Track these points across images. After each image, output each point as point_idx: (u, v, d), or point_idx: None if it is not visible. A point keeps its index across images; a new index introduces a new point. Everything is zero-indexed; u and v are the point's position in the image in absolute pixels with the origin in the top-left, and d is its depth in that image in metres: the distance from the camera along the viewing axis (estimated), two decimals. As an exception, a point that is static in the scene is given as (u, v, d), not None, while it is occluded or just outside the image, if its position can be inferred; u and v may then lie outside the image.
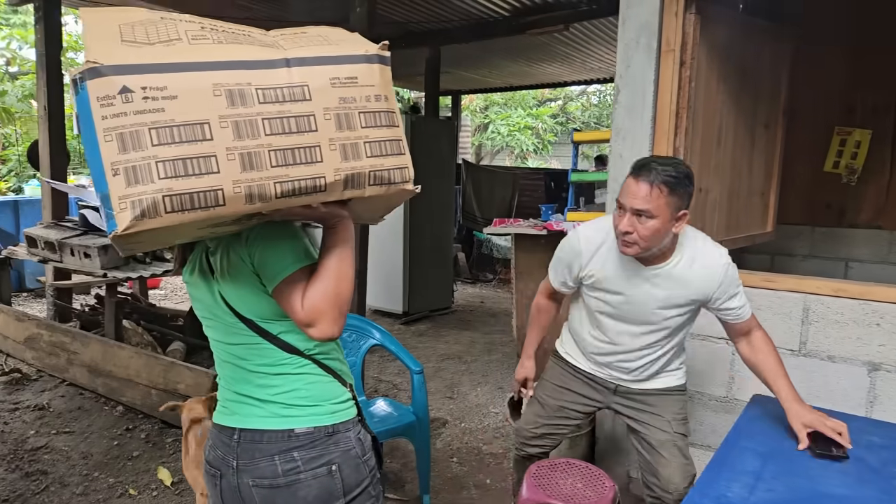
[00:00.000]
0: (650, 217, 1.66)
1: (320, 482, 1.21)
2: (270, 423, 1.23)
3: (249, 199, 0.99)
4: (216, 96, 0.98)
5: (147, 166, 0.92)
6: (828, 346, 2.26)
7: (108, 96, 0.92)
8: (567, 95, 16.20)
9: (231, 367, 1.30)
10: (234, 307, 1.22)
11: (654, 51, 2.49)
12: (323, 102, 1.06)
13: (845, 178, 4.00)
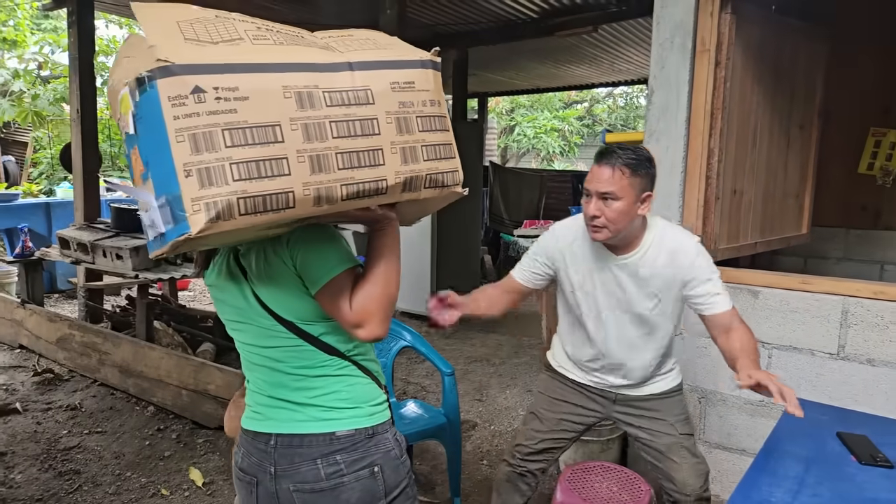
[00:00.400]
0: (615, 199, 1.71)
1: (363, 484, 1.21)
2: (310, 426, 1.22)
3: (318, 202, 1.00)
4: (286, 98, 0.98)
5: (221, 168, 0.92)
6: (867, 350, 2.22)
7: (179, 96, 0.90)
8: (593, 97, 16.12)
9: (265, 370, 1.27)
10: (272, 309, 1.20)
11: (689, 51, 2.47)
12: (384, 106, 1.07)
13: (880, 180, 3.93)
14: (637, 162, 1.73)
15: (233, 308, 1.27)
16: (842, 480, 1.49)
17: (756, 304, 2.44)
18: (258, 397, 1.30)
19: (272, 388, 1.27)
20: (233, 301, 1.26)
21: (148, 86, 0.91)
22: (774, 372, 2.42)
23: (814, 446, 1.67)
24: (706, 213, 2.58)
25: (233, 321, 1.30)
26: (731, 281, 2.50)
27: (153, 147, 0.93)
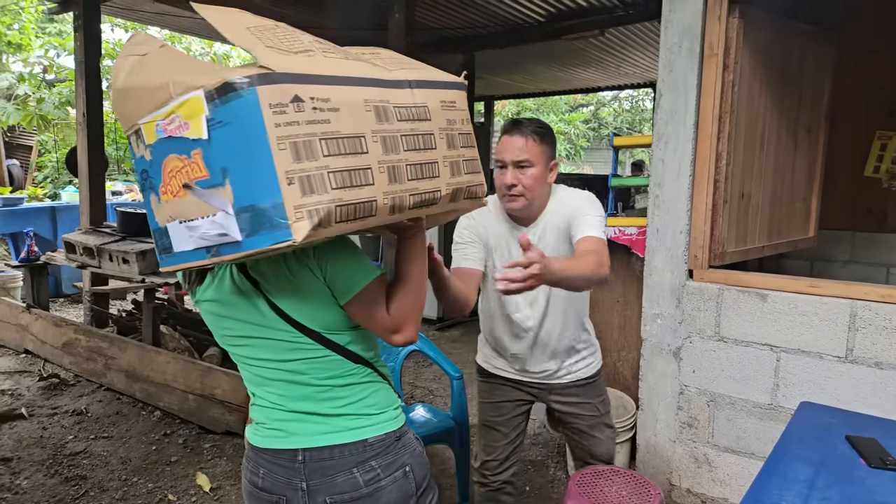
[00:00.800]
0: (530, 166, 1.80)
1: (398, 485, 1.24)
2: (341, 437, 1.22)
3: (392, 210, 1.05)
4: (367, 112, 1.02)
5: (321, 176, 0.93)
6: (875, 353, 2.22)
7: (280, 104, 0.90)
8: (599, 101, 16.17)
9: (284, 384, 1.24)
10: (298, 320, 1.19)
11: (697, 55, 2.48)
12: (437, 123, 1.16)
13: (886, 183, 3.92)
14: (544, 131, 1.84)
15: (242, 323, 1.23)
16: (852, 484, 1.49)
17: (764, 307, 2.44)
18: (274, 413, 1.26)
19: (293, 402, 1.24)
20: (242, 316, 1.22)
21: (245, 92, 0.89)
22: (784, 377, 2.42)
23: (823, 450, 1.66)
24: (714, 217, 2.58)
25: (241, 337, 1.25)
26: (740, 284, 2.51)
27: (238, 153, 0.91)
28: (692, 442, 2.69)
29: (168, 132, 0.96)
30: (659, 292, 2.71)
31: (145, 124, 1.00)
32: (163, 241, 1.06)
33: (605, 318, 3.39)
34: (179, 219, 0.99)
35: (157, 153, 0.99)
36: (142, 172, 1.05)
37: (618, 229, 3.09)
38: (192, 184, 0.94)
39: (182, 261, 1.03)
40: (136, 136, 1.03)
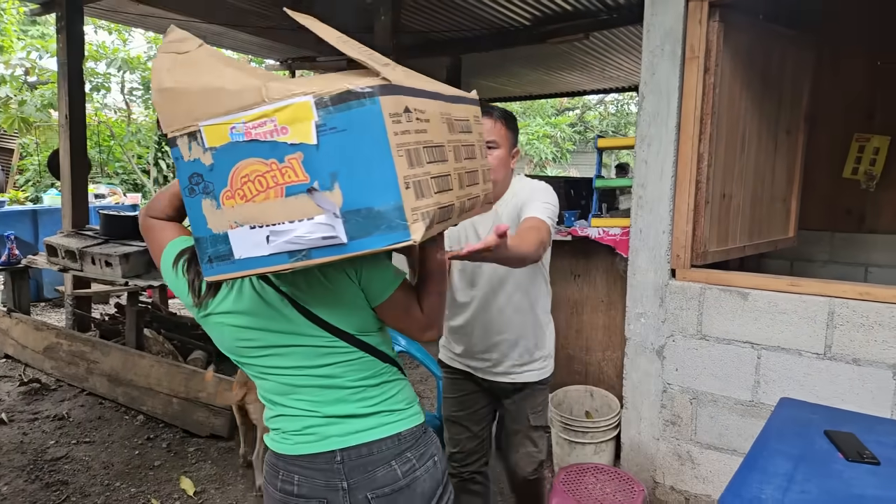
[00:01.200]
0: (496, 147, 1.86)
1: (430, 475, 1.31)
2: (378, 432, 1.27)
3: (459, 213, 1.15)
4: (443, 123, 1.12)
5: (426, 182, 1.00)
6: (853, 350, 2.26)
7: (397, 114, 0.95)
8: (585, 104, 16.31)
9: (318, 390, 1.26)
10: (334, 324, 1.23)
11: (679, 58, 2.52)
12: (475, 135, 1.29)
13: (864, 184, 4.00)
14: (510, 117, 1.92)
15: (269, 333, 1.24)
16: (829, 477, 1.52)
17: (745, 305, 2.47)
18: (306, 420, 1.28)
19: (328, 407, 1.26)
20: (269, 326, 1.24)
21: (367, 101, 0.92)
22: (765, 374, 2.46)
23: (802, 444, 1.69)
24: (696, 217, 2.62)
25: (266, 347, 1.25)
26: (721, 283, 2.54)
27: (353, 159, 0.93)
28: (675, 439, 2.72)
29: (253, 135, 0.96)
30: (642, 292, 2.74)
31: (210, 126, 0.98)
32: (217, 249, 1.03)
33: (589, 318, 3.42)
34: (253, 224, 0.99)
35: (225, 156, 0.99)
36: (192, 176, 1.02)
37: (602, 230, 3.12)
38: (316, 186, 0.94)
39: (246, 267, 1.02)
40: (190, 138, 1.00)
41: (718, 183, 2.69)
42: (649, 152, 2.64)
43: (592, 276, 3.37)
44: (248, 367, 1.31)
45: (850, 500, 1.42)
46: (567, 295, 3.45)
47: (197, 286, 1.24)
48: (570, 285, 3.44)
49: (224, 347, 1.31)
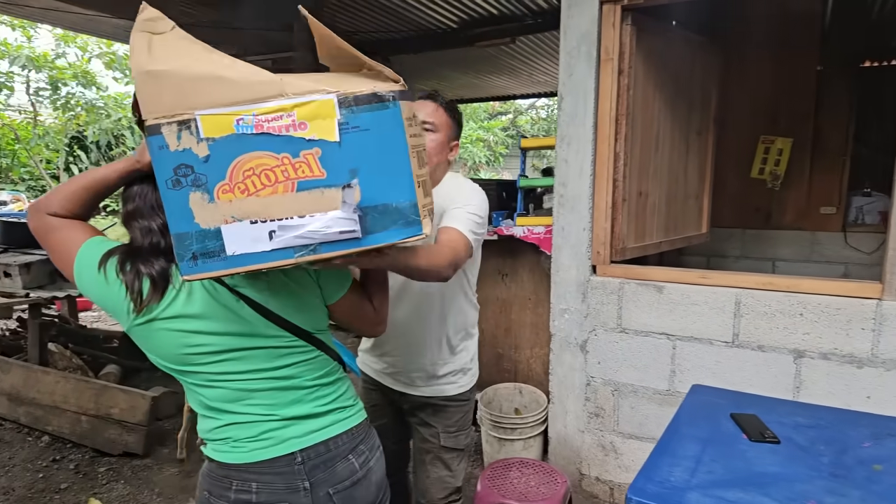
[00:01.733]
0: (435, 131, 1.77)
1: (380, 464, 1.36)
2: (335, 429, 1.28)
3: None
4: (420, 128, 1.15)
5: (424, 182, 1.08)
6: (758, 337, 2.40)
7: (409, 118, 1.02)
8: (517, 109, 16.61)
9: (275, 393, 1.23)
10: (294, 322, 1.22)
11: (594, 60, 2.60)
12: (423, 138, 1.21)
13: (770, 184, 4.27)
14: (453, 107, 1.84)
15: (223, 337, 1.18)
16: (734, 458, 1.60)
17: (661, 298, 2.58)
18: (262, 425, 1.23)
19: (285, 408, 1.24)
20: (224, 328, 1.18)
21: (390, 104, 0.98)
22: (680, 363, 2.57)
23: (710, 428, 1.78)
24: (614, 215, 2.71)
25: (220, 352, 1.19)
26: (639, 278, 2.64)
27: (373, 158, 0.98)
28: (599, 431, 2.80)
29: (264, 128, 0.95)
30: (566, 288, 2.81)
31: (209, 116, 0.95)
32: (205, 245, 0.99)
33: (518, 316, 3.47)
34: (254, 218, 0.97)
35: (226, 148, 0.96)
36: (179, 167, 0.96)
37: (527, 229, 3.18)
38: (354, 183, 0.97)
39: (239, 264, 0.99)
40: (181, 127, 0.95)
41: (635, 181, 2.79)
42: (569, 151, 2.71)
43: (519, 275, 3.43)
44: (194, 375, 1.20)
45: (752, 478, 1.50)
46: (495, 294, 3.49)
47: (137, 289, 1.13)
48: (499, 285, 3.48)
49: (166, 357, 1.19)
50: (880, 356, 2.20)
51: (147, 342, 1.19)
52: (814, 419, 1.83)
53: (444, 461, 1.86)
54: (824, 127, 4.12)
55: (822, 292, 2.28)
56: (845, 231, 4.15)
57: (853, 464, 1.56)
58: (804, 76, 4.08)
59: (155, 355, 1.21)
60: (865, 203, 4.19)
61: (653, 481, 1.48)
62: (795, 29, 4.03)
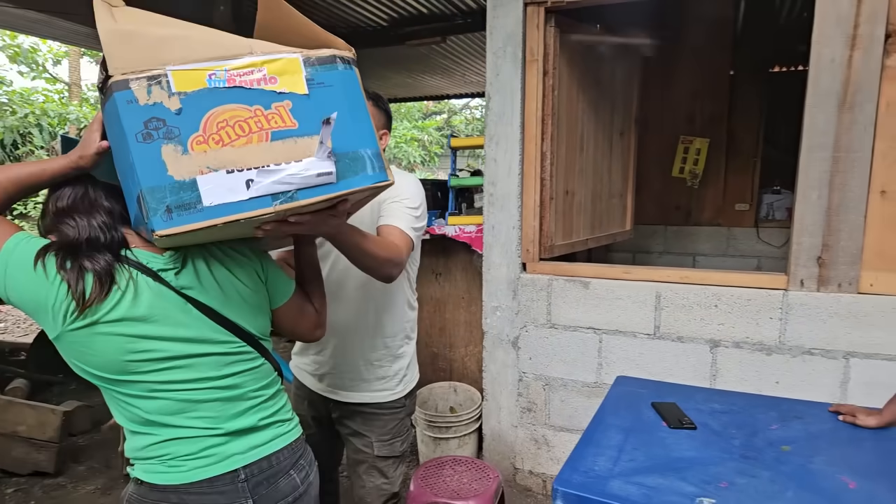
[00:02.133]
0: None
1: (316, 478, 1.34)
2: (276, 444, 1.24)
3: None
4: None
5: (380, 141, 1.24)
6: (677, 328, 2.51)
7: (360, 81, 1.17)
8: (451, 109, 16.69)
9: (220, 404, 1.17)
10: (244, 327, 1.19)
11: (520, 60, 2.64)
12: None
13: (689, 182, 4.48)
14: (379, 98, 1.81)
15: (171, 342, 1.11)
16: (654, 444, 1.66)
17: (587, 293, 2.65)
18: (203, 441, 1.15)
19: (229, 421, 1.18)
20: (173, 333, 1.10)
21: (347, 66, 1.10)
22: (606, 356, 2.64)
23: (632, 417, 1.84)
24: (542, 213, 2.77)
25: (168, 359, 1.11)
26: (566, 274, 2.70)
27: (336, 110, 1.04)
28: (532, 425, 2.85)
29: (236, 82, 1.01)
30: (497, 286, 2.84)
31: (181, 71, 0.98)
32: (180, 197, 0.97)
33: (452, 315, 3.49)
34: (230, 168, 0.99)
35: (198, 102, 0.99)
36: (149, 121, 0.97)
37: (459, 227, 3.20)
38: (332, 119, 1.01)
39: (216, 215, 0.98)
40: (150, 81, 0.97)
41: (562, 180, 2.86)
42: (498, 151, 2.74)
43: (453, 274, 3.44)
44: (134, 385, 1.11)
45: (671, 463, 1.56)
46: (430, 293, 3.49)
47: (81, 288, 1.04)
48: (433, 284, 3.49)
49: (104, 365, 1.09)
50: (787, 343, 2.34)
51: (82, 349, 1.08)
52: (727, 405, 1.93)
53: (379, 469, 1.81)
54: (737, 129, 4.37)
55: (733, 284, 2.41)
56: (757, 226, 4.41)
57: (763, 445, 1.65)
58: (719, 80, 4.31)
59: (88, 364, 1.09)
60: (775, 200, 4.47)
61: (578, 471, 1.52)
62: (710, 34, 4.25)
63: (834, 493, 1.40)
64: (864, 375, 2.24)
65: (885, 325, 2.20)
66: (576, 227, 3.05)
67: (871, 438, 1.69)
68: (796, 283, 2.32)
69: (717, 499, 1.37)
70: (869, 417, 1.73)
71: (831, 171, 2.22)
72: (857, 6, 2.12)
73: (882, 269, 2.20)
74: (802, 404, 1.92)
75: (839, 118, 2.19)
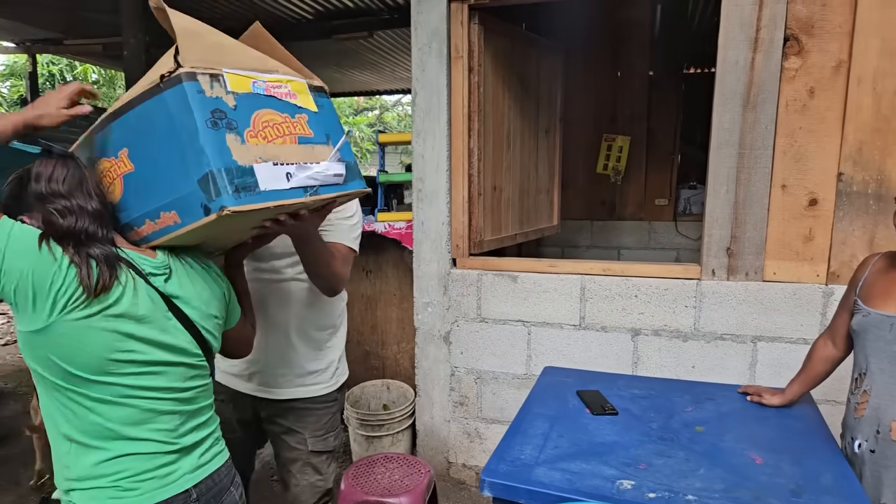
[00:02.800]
0: None
1: (242, 493, 1.32)
2: (217, 461, 1.24)
3: None
4: None
5: None
6: (601, 319, 2.60)
7: None
8: (382, 105, 16.54)
9: (177, 417, 1.15)
10: (211, 343, 1.22)
11: (445, 56, 2.65)
12: None
13: (613, 179, 4.65)
14: None
15: (154, 347, 1.10)
16: (578, 431, 1.72)
17: (516, 287, 2.70)
18: (159, 458, 1.11)
19: (182, 437, 1.16)
20: (158, 337, 1.10)
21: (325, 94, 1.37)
22: (535, 348, 2.70)
23: (558, 405, 1.89)
24: (471, 209, 2.79)
25: (148, 363, 1.09)
26: (495, 269, 2.75)
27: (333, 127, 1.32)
28: (464, 419, 2.87)
29: (271, 92, 1.22)
30: (428, 282, 2.85)
31: (233, 75, 1.16)
32: (244, 179, 1.10)
33: (384, 312, 3.47)
34: (276, 161, 1.16)
35: (247, 103, 1.16)
36: (215, 111, 1.11)
37: (388, 224, 3.18)
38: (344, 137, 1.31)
39: (268, 199, 1.13)
40: (212, 78, 1.12)
41: (489, 176, 2.90)
42: (425, 147, 2.74)
43: (384, 271, 3.42)
44: (107, 388, 1.05)
45: (593, 447, 1.62)
46: (361, 291, 3.46)
47: (91, 275, 1.01)
48: (363, 281, 3.45)
49: (84, 363, 1.02)
50: (701, 330, 2.47)
51: (70, 342, 1.01)
52: (647, 390, 2.02)
53: (314, 466, 1.78)
54: (657, 127, 4.57)
55: (652, 276, 2.52)
56: (676, 220, 4.63)
57: (679, 427, 1.74)
58: (638, 79, 4.50)
59: (68, 361, 1.02)
60: (692, 195, 4.71)
61: (504, 461, 1.54)
62: (630, 35, 4.42)
63: (741, 468, 1.49)
64: (770, 358, 2.40)
65: (787, 310, 2.36)
66: (504, 222, 3.10)
67: (775, 416, 1.82)
68: (708, 273, 2.45)
69: (636, 480, 1.43)
70: (773, 397, 1.86)
71: (738, 167, 2.36)
72: (759, 11, 2.26)
73: (783, 259, 2.36)
74: (715, 387, 2.04)
75: (744, 117, 2.33)
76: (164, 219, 1.12)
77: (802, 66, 2.26)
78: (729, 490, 1.38)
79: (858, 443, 1.58)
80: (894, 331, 1.50)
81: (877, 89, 2.20)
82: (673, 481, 1.42)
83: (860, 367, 1.62)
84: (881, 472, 1.52)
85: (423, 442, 2.97)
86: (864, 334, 1.59)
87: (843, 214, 2.29)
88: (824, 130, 2.27)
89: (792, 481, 1.41)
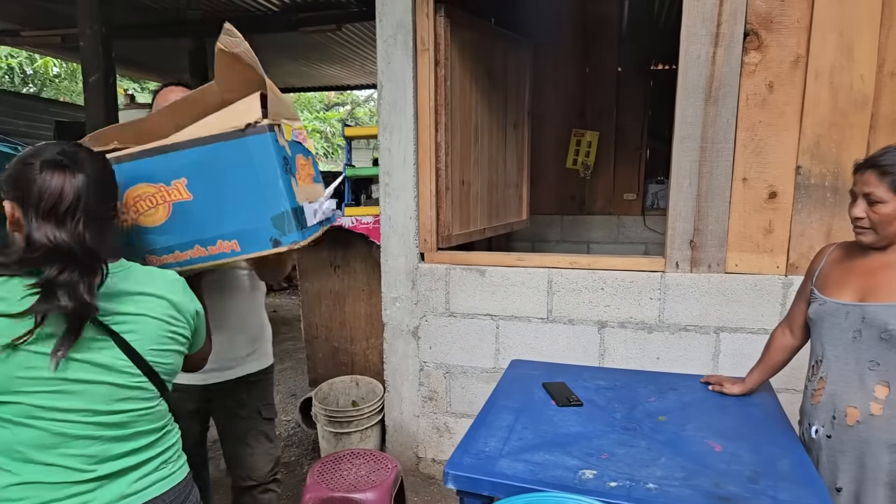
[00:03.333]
0: None
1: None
2: (164, 484, 1.15)
3: None
4: None
5: None
6: (568, 311, 2.61)
7: None
8: (354, 101, 16.42)
9: (100, 443, 1.04)
10: (153, 367, 1.10)
11: (411, 49, 2.63)
12: None
13: (582, 173, 4.68)
14: None
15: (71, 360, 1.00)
16: (543, 422, 1.72)
17: (484, 281, 2.70)
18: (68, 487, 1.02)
19: (104, 463, 1.05)
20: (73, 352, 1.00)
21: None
22: (503, 342, 2.70)
23: (524, 398, 1.89)
24: (439, 203, 2.78)
25: (58, 380, 0.99)
26: (463, 263, 2.74)
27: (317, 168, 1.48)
28: (433, 414, 2.86)
29: (299, 139, 1.38)
30: (396, 276, 2.83)
31: (285, 125, 1.31)
32: (301, 218, 1.29)
33: (352, 308, 3.43)
34: (308, 200, 1.33)
35: (293, 149, 1.33)
36: (284, 158, 1.28)
37: (355, 219, 3.15)
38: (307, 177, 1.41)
39: (309, 234, 1.32)
40: (278, 130, 1.27)
41: (457, 170, 2.89)
42: (392, 140, 2.72)
43: (352, 267, 3.39)
44: (12, 407, 0.99)
45: (558, 438, 1.62)
46: (329, 287, 3.42)
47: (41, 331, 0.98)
48: (332, 277, 3.42)
49: None
50: (665, 321, 2.50)
51: None
52: (612, 381, 2.03)
53: (265, 433, 1.93)
54: (625, 122, 4.62)
55: (617, 268, 2.54)
56: (644, 215, 4.69)
57: (642, 417, 1.75)
58: (606, 75, 4.53)
59: None
60: (659, 190, 4.77)
61: (469, 454, 1.54)
62: (598, 31, 4.45)
63: (701, 456, 1.51)
64: (732, 348, 2.44)
65: (748, 301, 2.41)
66: (473, 216, 3.09)
67: (735, 405, 1.85)
68: (672, 266, 2.48)
69: (598, 470, 1.44)
70: (734, 386, 1.89)
71: (700, 161, 2.39)
72: (720, 6, 2.29)
73: (744, 251, 2.40)
74: (678, 377, 2.07)
75: (705, 111, 2.36)
76: (220, 246, 1.29)
77: (762, 60, 2.30)
78: (689, 478, 1.39)
79: (815, 429, 1.62)
80: (849, 318, 1.53)
81: (834, 83, 2.25)
82: (634, 470, 1.43)
83: (816, 355, 1.65)
84: (837, 457, 1.56)
85: (393, 437, 2.96)
86: (820, 322, 1.62)
87: (801, 207, 2.33)
88: (783, 124, 2.31)
89: (749, 468, 1.44)
